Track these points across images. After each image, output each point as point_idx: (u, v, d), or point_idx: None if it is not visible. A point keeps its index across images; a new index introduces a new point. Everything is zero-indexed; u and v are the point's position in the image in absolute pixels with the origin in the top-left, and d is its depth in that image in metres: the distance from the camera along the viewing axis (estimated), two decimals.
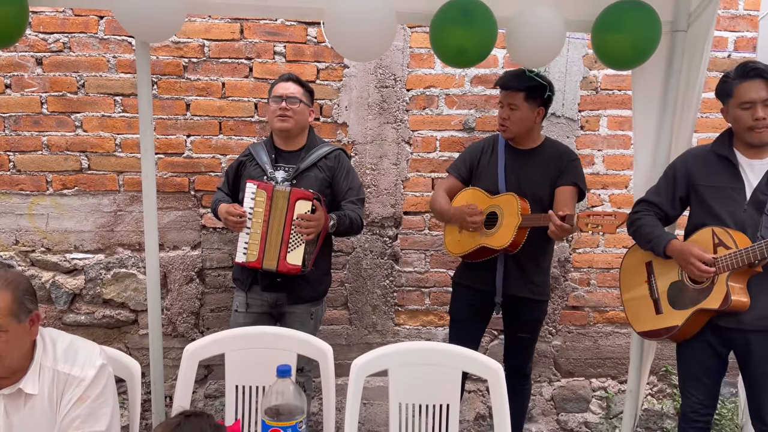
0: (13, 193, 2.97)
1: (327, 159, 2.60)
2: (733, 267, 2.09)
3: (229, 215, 2.49)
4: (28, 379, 1.54)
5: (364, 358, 1.98)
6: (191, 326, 3.13)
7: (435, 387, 2.01)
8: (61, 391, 1.56)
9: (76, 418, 1.54)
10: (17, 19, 2.13)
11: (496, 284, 2.59)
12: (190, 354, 2.03)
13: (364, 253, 3.17)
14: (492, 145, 2.69)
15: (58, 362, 1.58)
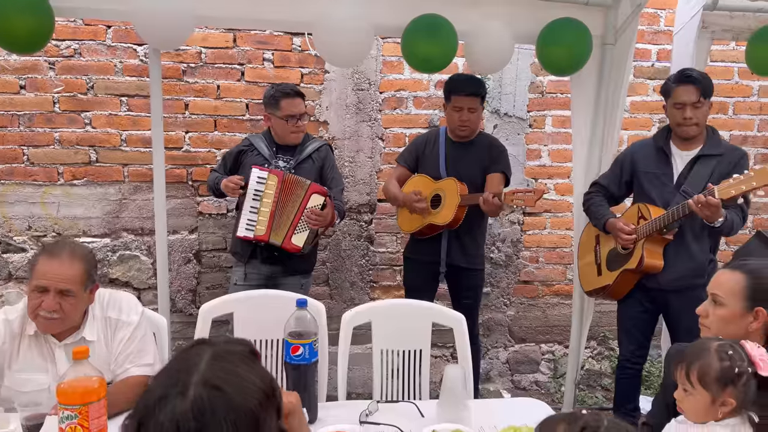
0: (27, 184, 3.29)
1: (319, 152, 3.03)
2: (648, 234, 2.60)
3: (230, 182, 2.87)
4: (86, 329, 1.87)
5: (351, 312, 2.41)
6: (189, 302, 3.50)
7: (410, 335, 2.44)
8: (113, 333, 1.91)
9: (129, 355, 1.90)
10: (44, 28, 2.48)
11: (441, 256, 3.06)
12: (205, 312, 2.41)
13: (343, 235, 3.60)
14: (435, 137, 3.16)
15: (106, 311, 1.93)
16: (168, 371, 0.95)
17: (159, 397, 0.88)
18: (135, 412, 0.91)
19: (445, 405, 1.75)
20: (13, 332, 1.83)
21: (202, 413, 0.86)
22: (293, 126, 2.92)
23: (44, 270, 1.75)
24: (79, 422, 1.24)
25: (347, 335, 2.36)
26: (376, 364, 2.40)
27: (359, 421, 1.74)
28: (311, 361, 1.70)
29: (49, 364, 1.84)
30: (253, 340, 2.44)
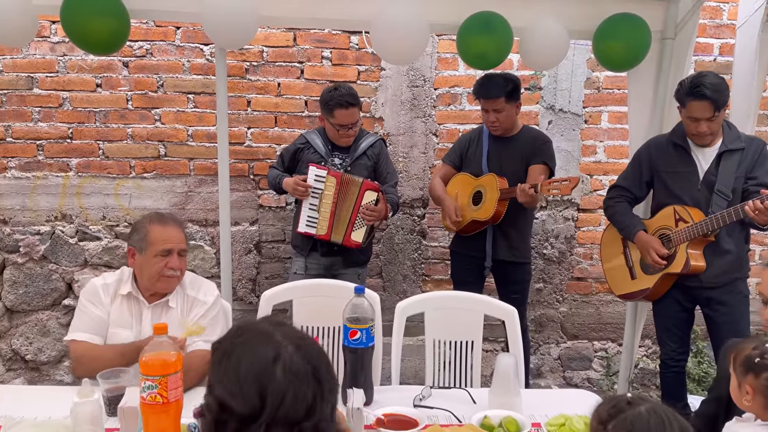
0: (102, 176, 3.50)
1: (373, 148, 3.11)
2: (691, 237, 2.57)
3: (297, 185, 2.98)
4: (171, 297, 2.08)
5: (405, 302, 2.48)
6: (249, 291, 3.65)
7: (462, 327, 2.50)
8: (189, 309, 2.09)
9: None
10: (121, 30, 2.64)
11: (486, 251, 3.09)
12: (267, 299, 2.54)
13: (396, 230, 3.68)
14: (478, 135, 3.19)
15: (187, 288, 2.11)
16: (253, 345, 1.04)
17: (270, 357, 1.01)
18: (245, 378, 1.00)
19: (496, 392, 1.80)
20: (110, 294, 2.06)
21: (308, 356, 1.03)
22: (345, 133, 3.01)
23: (165, 236, 2.01)
24: (159, 392, 1.36)
25: (401, 324, 2.43)
26: (428, 354, 2.47)
27: (413, 404, 1.81)
28: (368, 345, 1.79)
29: (135, 322, 2.05)
30: (312, 326, 2.57)
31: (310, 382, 1.01)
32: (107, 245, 3.53)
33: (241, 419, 0.98)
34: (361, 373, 1.78)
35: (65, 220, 3.52)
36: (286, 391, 0.98)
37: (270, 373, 0.99)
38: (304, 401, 0.99)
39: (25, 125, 3.44)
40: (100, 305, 2.03)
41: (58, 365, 3.58)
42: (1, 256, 3.49)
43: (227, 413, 0.98)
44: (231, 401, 0.98)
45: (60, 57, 3.39)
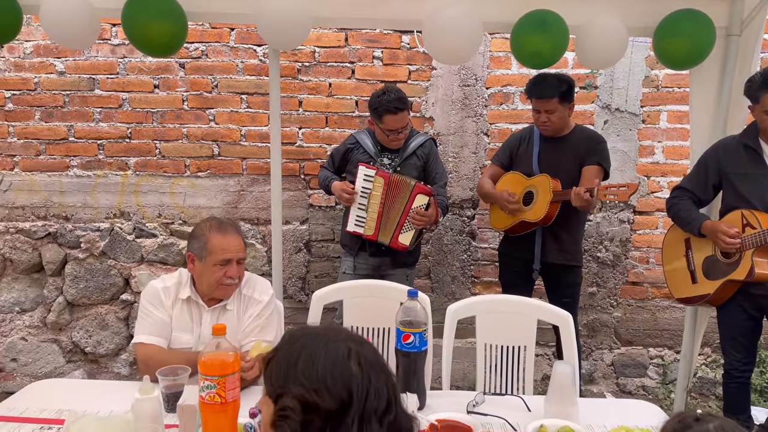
0: (158, 175, 3.60)
1: (422, 147, 3.09)
2: (758, 244, 2.45)
3: (344, 192, 3.00)
4: (230, 300, 2.12)
5: (456, 305, 2.45)
6: (299, 289, 3.69)
7: (514, 331, 2.45)
8: (245, 308, 2.12)
9: (254, 329, 2.10)
10: (179, 32, 2.70)
11: (535, 253, 3.02)
12: (318, 298, 2.55)
13: (445, 230, 3.65)
14: (528, 135, 3.12)
15: (243, 288, 2.14)
16: (325, 346, 1.06)
17: (344, 350, 1.04)
18: (330, 377, 1.01)
19: (553, 400, 1.76)
20: (170, 297, 2.10)
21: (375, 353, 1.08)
22: (394, 138, 3.00)
23: (225, 245, 2.04)
24: (217, 392, 1.38)
25: (452, 327, 2.40)
26: (479, 358, 2.43)
27: (466, 411, 1.78)
28: (421, 350, 1.77)
29: (195, 325, 2.10)
30: (361, 327, 2.58)
31: (384, 374, 1.04)
32: (162, 242, 3.62)
33: (329, 415, 0.98)
34: (413, 377, 1.77)
35: (123, 218, 3.63)
36: (368, 383, 0.99)
37: (348, 367, 1.00)
38: (384, 392, 1.00)
39: (87, 125, 3.56)
40: (162, 308, 2.08)
41: (116, 358, 3.70)
42: (63, 252, 3.62)
43: (312, 412, 0.98)
44: (316, 399, 0.98)
45: (120, 59, 3.49)
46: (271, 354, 1.08)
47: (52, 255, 3.62)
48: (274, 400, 1.03)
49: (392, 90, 2.96)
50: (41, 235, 3.62)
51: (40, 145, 3.59)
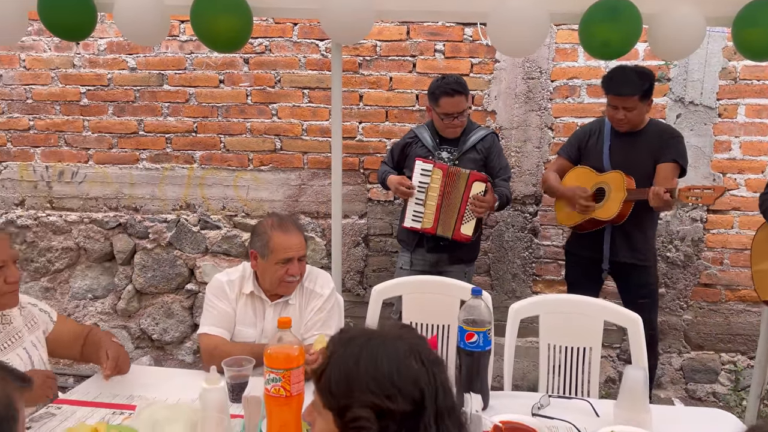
0: (222, 168, 3.68)
1: (483, 141, 3.04)
2: None
3: (400, 185, 2.99)
4: (292, 294, 2.14)
5: (519, 305, 2.40)
6: (357, 283, 3.70)
7: (579, 332, 2.38)
8: (307, 302, 2.14)
9: (316, 323, 2.11)
10: (245, 27, 2.73)
11: (604, 252, 2.91)
12: (377, 293, 2.55)
13: (506, 227, 3.58)
14: (598, 128, 3.00)
15: (304, 281, 2.16)
16: (388, 346, 1.04)
17: (404, 351, 1.02)
18: (398, 375, 0.99)
19: (623, 406, 1.70)
20: (234, 290, 2.14)
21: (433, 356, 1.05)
22: (450, 123, 2.95)
23: (287, 244, 2.05)
24: (282, 385, 1.39)
25: (514, 326, 2.35)
26: (542, 359, 2.37)
27: (531, 413, 1.74)
28: (485, 349, 1.74)
29: (258, 320, 2.13)
30: (420, 323, 2.56)
31: (444, 370, 1.01)
32: (226, 234, 3.70)
33: (405, 417, 0.94)
34: (477, 377, 1.74)
35: (189, 210, 3.73)
36: (435, 380, 0.97)
37: (411, 366, 0.96)
38: (450, 388, 0.98)
39: (156, 119, 3.68)
40: (226, 300, 2.12)
41: (181, 346, 3.82)
42: (133, 242, 3.76)
43: (388, 418, 0.94)
44: (389, 404, 0.94)
45: (187, 55, 3.58)
46: (324, 363, 1.02)
47: (123, 245, 3.76)
48: (338, 413, 0.97)
49: (452, 75, 2.95)
50: (112, 226, 3.76)
51: (112, 138, 3.73)
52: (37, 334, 1.89)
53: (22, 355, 1.80)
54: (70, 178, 3.79)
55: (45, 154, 3.79)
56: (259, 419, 1.55)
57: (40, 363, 1.86)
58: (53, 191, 3.81)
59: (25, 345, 1.83)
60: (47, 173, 3.80)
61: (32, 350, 1.85)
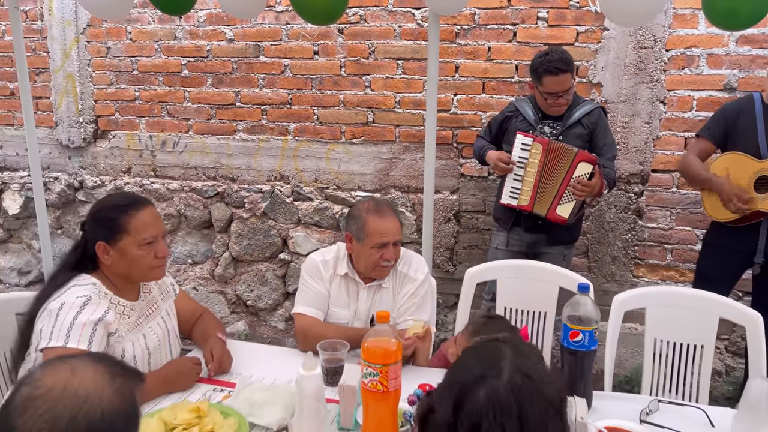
0: (315, 141, 3.69)
1: (589, 116, 2.85)
2: None
3: (500, 161, 2.86)
4: (385, 278, 2.11)
5: (624, 296, 2.25)
6: (446, 259, 3.64)
7: (690, 328, 2.21)
8: (400, 286, 2.11)
9: (409, 308, 2.09)
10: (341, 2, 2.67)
11: (759, 245, 2.65)
12: (471, 276, 2.48)
13: (608, 207, 3.37)
14: (748, 106, 2.68)
15: (398, 265, 2.13)
16: (476, 359, 1.00)
17: (478, 376, 0.95)
18: (450, 386, 0.98)
19: (744, 419, 1.55)
20: (329, 271, 2.14)
21: (520, 395, 0.92)
22: (554, 102, 2.78)
23: (383, 229, 2.03)
24: (380, 380, 1.36)
25: (617, 319, 2.22)
26: (647, 355, 2.23)
27: (639, 419, 1.63)
28: (590, 349, 1.63)
29: (351, 302, 2.13)
30: (515, 309, 2.47)
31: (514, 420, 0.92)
32: (318, 206, 3.73)
33: None
34: (580, 378, 1.64)
35: (283, 181, 3.79)
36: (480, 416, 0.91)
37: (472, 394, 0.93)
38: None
39: (252, 91, 3.72)
40: (321, 281, 2.13)
41: (273, 312, 3.93)
42: (230, 211, 3.87)
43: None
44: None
45: (283, 26, 3.58)
46: (427, 406, 1.00)
47: (220, 213, 3.89)
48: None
49: (556, 51, 2.75)
50: (211, 195, 3.89)
51: (210, 109, 3.82)
52: (169, 302, 1.98)
53: (160, 324, 1.89)
54: (172, 148, 3.93)
55: (149, 123, 3.95)
56: (354, 408, 1.55)
57: (173, 331, 1.94)
58: (156, 160, 3.97)
59: (162, 314, 1.92)
60: (151, 142, 3.96)
61: (167, 318, 1.93)
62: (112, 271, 1.75)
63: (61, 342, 1.57)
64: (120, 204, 1.74)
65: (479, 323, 1.87)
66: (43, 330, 1.61)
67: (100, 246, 1.70)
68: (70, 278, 1.71)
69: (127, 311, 1.77)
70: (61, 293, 1.66)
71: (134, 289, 1.83)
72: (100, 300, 1.68)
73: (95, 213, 1.76)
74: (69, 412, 0.77)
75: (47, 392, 0.79)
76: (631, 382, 3.21)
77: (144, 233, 1.71)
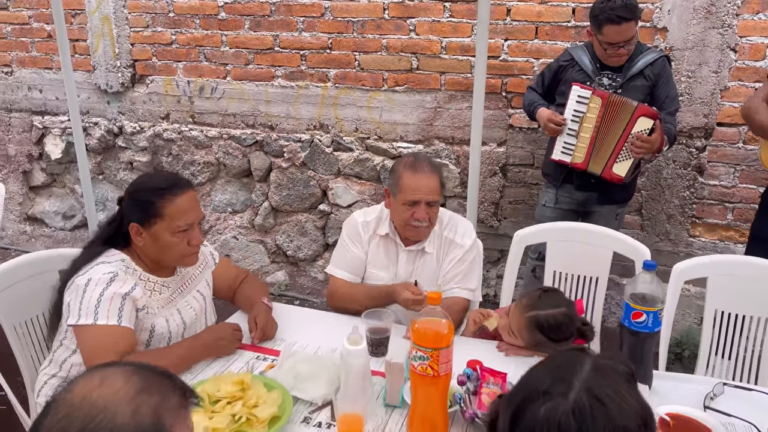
0: (356, 88, 3.54)
1: (653, 66, 2.63)
2: None
3: (550, 122, 2.69)
4: (428, 242, 2.02)
5: (685, 264, 2.12)
6: (490, 215, 3.52)
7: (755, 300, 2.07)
8: (446, 252, 2.02)
9: (456, 275, 2.00)
10: None
11: None
12: (519, 239, 2.37)
13: (666, 162, 3.17)
14: None
15: (444, 230, 2.03)
16: (548, 370, 0.91)
17: (543, 391, 0.86)
18: (514, 395, 0.90)
19: None
20: (369, 231, 2.07)
21: (582, 419, 0.83)
22: (614, 53, 2.56)
23: (415, 185, 1.91)
24: (430, 364, 1.29)
25: (676, 289, 2.10)
26: (706, 330, 2.11)
27: (703, 405, 1.53)
28: (654, 330, 1.53)
29: (391, 264, 2.06)
30: (564, 273, 2.36)
31: None
32: (358, 157, 3.62)
33: None
34: (639, 361, 1.55)
35: (322, 130, 3.67)
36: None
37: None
38: None
39: (291, 35, 3.56)
40: (360, 244, 2.06)
41: (313, 263, 3.90)
42: (269, 160, 3.80)
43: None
44: None
45: None
46: (495, 411, 0.92)
47: (259, 162, 3.82)
48: None
49: None
50: (250, 143, 3.81)
51: (248, 54, 3.69)
52: (206, 274, 1.93)
53: (197, 297, 1.86)
54: (210, 94, 3.84)
55: (187, 68, 3.85)
56: (401, 385, 1.49)
57: (210, 303, 1.91)
58: (195, 106, 3.90)
59: (199, 287, 1.88)
60: (189, 88, 3.87)
61: (204, 290, 1.90)
62: (143, 252, 1.71)
63: (90, 320, 1.56)
64: (159, 187, 1.67)
65: (533, 297, 1.77)
66: (71, 304, 1.59)
67: (134, 227, 1.66)
68: (101, 252, 1.67)
69: (158, 287, 1.74)
70: (89, 268, 1.63)
71: (168, 267, 1.79)
72: (127, 276, 1.65)
73: (132, 192, 1.71)
74: (81, 422, 0.75)
75: (71, 398, 0.77)
76: (682, 345, 3.10)
77: (179, 221, 1.65)
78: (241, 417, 1.38)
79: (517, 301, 1.78)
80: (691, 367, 2.20)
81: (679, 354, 3.05)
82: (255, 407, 1.42)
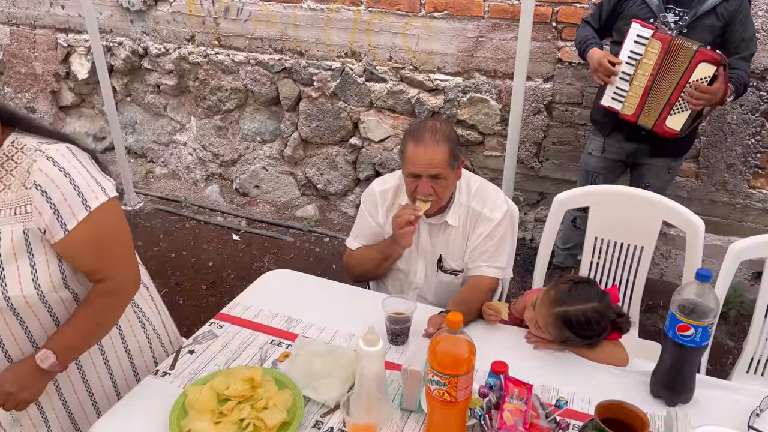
0: (391, 13, 3.24)
1: (727, 3, 2.28)
2: None
3: (601, 66, 2.41)
4: (450, 214, 1.85)
5: (742, 244, 1.91)
6: (532, 155, 3.29)
7: None
8: (473, 225, 1.85)
9: (483, 252, 1.84)
10: None
11: None
12: (560, 202, 2.17)
13: (732, 106, 2.86)
14: None
15: (471, 200, 1.86)
16: None
17: None
18: None
19: None
20: (387, 201, 1.93)
21: None
22: None
23: (415, 157, 1.75)
24: (447, 390, 1.19)
25: (730, 270, 1.91)
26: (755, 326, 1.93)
27: (747, 425, 1.40)
28: (701, 345, 1.37)
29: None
30: (608, 241, 2.19)
31: None
32: (392, 88, 3.39)
33: None
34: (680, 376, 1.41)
35: (354, 58, 3.42)
36: None
37: None
38: None
39: None
40: (377, 215, 1.94)
41: (344, 198, 3.79)
42: (298, 88, 3.60)
43: None
44: None
45: None
46: None
47: (288, 90, 3.62)
48: None
49: None
50: (278, 70, 3.60)
51: None
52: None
53: None
54: (236, 15, 3.59)
55: None
56: (418, 392, 1.40)
57: None
58: (220, 28, 3.67)
59: None
60: (213, 8, 3.63)
61: None
62: None
63: None
64: None
65: (563, 290, 1.59)
66: None
67: None
68: None
69: None
70: None
71: None
72: None
73: None
74: None
75: None
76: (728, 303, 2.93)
77: None
78: (249, 424, 1.32)
79: (545, 293, 1.63)
80: (735, 329, 2.05)
81: (725, 313, 2.89)
82: (264, 409, 1.36)
